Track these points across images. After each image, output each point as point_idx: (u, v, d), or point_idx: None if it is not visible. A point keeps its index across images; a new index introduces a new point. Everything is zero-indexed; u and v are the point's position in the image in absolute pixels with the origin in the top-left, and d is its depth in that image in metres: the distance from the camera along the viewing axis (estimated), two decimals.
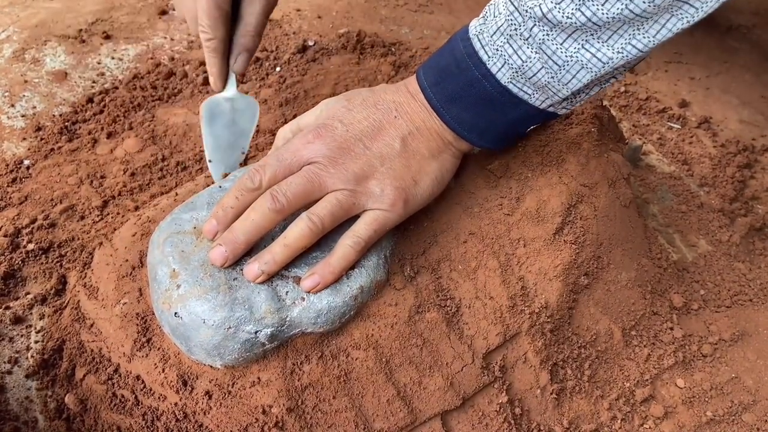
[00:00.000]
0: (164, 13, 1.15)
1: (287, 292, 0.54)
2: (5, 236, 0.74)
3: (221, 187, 0.61)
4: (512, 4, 0.53)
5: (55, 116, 0.92)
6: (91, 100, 0.95)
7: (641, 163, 0.92)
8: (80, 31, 1.08)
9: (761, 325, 0.71)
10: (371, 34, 1.07)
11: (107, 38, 1.08)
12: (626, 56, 0.51)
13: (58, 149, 0.87)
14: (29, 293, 0.70)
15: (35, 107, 0.94)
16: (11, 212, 0.78)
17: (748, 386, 0.67)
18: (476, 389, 0.59)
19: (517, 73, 0.55)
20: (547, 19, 0.51)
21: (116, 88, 0.98)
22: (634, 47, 0.51)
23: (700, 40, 1.16)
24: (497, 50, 0.55)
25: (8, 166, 0.84)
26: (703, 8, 0.49)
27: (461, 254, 0.61)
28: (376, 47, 1.04)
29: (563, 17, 0.50)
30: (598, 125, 0.71)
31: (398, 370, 0.57)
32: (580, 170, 0.66)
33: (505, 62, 0.55)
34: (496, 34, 0.54)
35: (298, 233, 0.54)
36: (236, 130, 0.69)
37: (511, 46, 0.54)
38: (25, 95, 0.96)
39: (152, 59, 1.04)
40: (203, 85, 0.98)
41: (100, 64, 1.03)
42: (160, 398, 0.57)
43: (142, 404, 0.58)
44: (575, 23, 0.50)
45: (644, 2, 0.48)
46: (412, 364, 0.57)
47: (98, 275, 0.63)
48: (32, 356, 0.65)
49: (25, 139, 0.89)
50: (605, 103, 0.77)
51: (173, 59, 1.04)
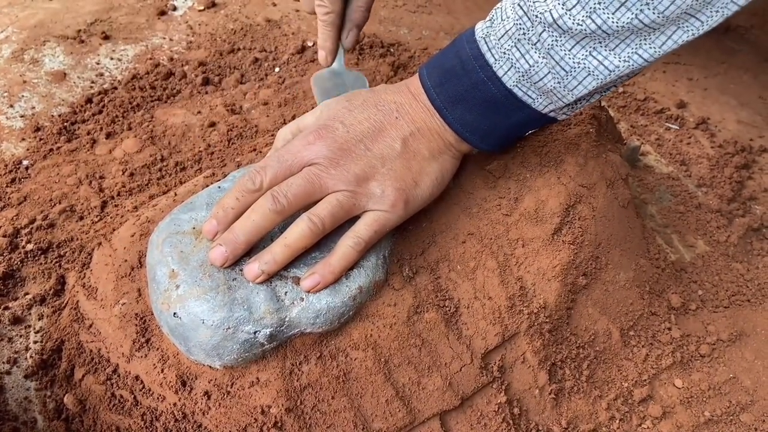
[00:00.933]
0: (163, 13, 1.15)
1: (286, 292, 0.55)
2: (4, 236, 0.74)
3: (220, 187, 0.61)
4: (521, 8, 0.53)
5: (54, 116, 0.92)
6: (90, 100, 0.95)
7: (639, 163, 0.92)
8: (79, 31, 1.08)
9: (759, 325, 0.71)
10: (370, 34, 1.07)
11: (106, 38, 1.08)
12: (632, 65, 0.52)
13: (57, 150, 0.87)
14: (28, 293, 0.70)
15: (34, 107, 0.94)
16: (10, 212, 0.78)
17: (746, 386, 0.67)
18: (475, 389, 0.59)
19: (523, 77, 0.55)
20: (557, 24, 0.51)
21: (115, 88, 0.98)
22: (640, 57, 0.51)
23: (698, 40, 1.15)
24: (504, 53, 0.55)
25: (7, 166, 0.84)
26: (708, 22, 0.49)
27: (460, 254, 0.61)
28: (374, 48, 1.04)
29: (573, 24, 0.50)
30: (596, 126, 0.71)
31: (397, 370, 0.57)
32: (578, 171, 0.66)
33: (511, 66, 0.55)
34: (503, 37, 0.55)
35: (298, 234, 0.54)
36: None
37: (518, 50, 0.54)
38: (23, 95, 0.96)
39: (151, 59, 1.04)
40: (202, 85, 0.98)
41: (99, 64, 1.03)
42: (159, 398, 0.57)
43: (141, 404, 0.58)
44: (585, 30, 0.50)
45: (654, 13, 0.48)
46: (410, 364, 0.57)
47: (97, 275, 0.63)
48: (31, 356, 0.65)
49: (24, 139, 0.89)
50: (603, 103, 0.77)
51: (172, 59, 1.04)
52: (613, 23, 0.49)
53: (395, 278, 0.59)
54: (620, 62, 0.52)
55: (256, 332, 0.53)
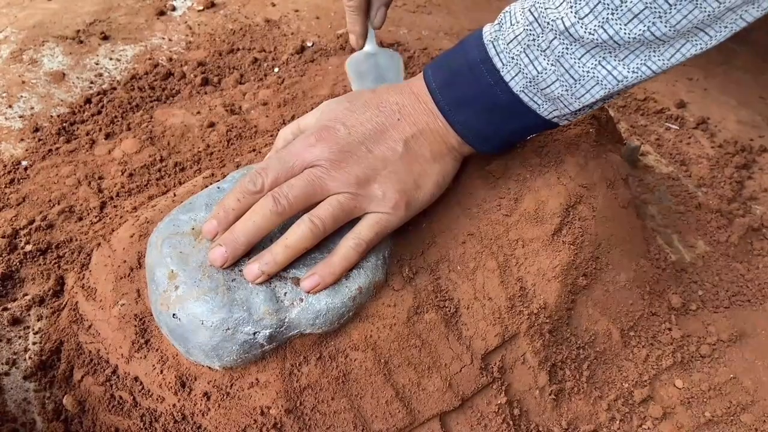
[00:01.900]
0: (162, 13, 1.15)
1: (286, 293, 0.54)
2: (3, 237, 0.74)
3: (219, 188, 0.61)
4: (532, 14, 0.53)
5: (53, 117, 0.92)
6: (89, 100, 0.95)
7: (639, 163, 0.92)
8: (78, 31, 1.08)
9: (759, 325, 0.71)
10: None
11: (105, 39, 1.08)
12: (640, 76, 0.52)
13: (56, 150, 0.87)
14: (27, 294, 0.70)
15: (33, 108, 0.94)
16: (9, 213, 0.78)
17: (746, 387, 0.67)
18: (475, 390, 0.59)
19: (530, 83, 0.55)
20: (569, 33, 0.51)
21: (114, 88, 0.98)
22: (648, 68, 0.52)
23: None
24: (512, 59, 0.55)
25: (6, 167, 0.84)
26: (716, 36, 0.50)
27: (460, 255, 0.61)
28: None
29: (585, 33, 0.50)
30: (596, 126, 0.71)
31: (397, 371, 0.57)
32: (578, 171, 0.66)
33: (519, 71, 0.55)
34: (512, 42, 0.54)
35: (299, 235, 0.54)
36: (385, 84, 0.69)
37: (527, 56, 0.54)
38: (22, 96, 0.96)
39: (150, 60, 1.03)
40: (201, 85, 0.98)
41: (98, 64, 1.03)
42: (158, 399, 0.57)
43: (140, 405, 0.57)
44: (596, 40, 0.50)
45: (665, 26, 0.48)
46: (410, 365, 0.57)
47: (96, 276, 0.63)
48: (30, 358, 0.65)
49: (22, 140, 0.89)
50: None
51: (171, 60, 1.04)
52: (624, 34, 0.49)
53: (395, 279, 0.59)
54: (629, 73, 0.52)
55: (255, 333, 0.53)
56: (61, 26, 1.09)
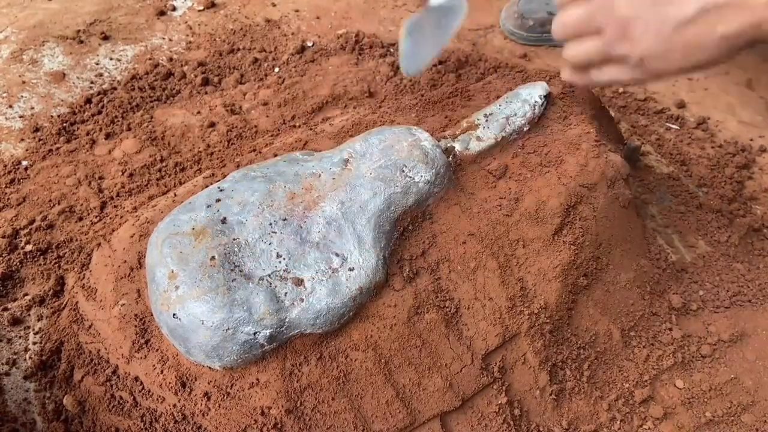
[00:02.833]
0: (162, 13, 1.15)
1: (286, 293, 0.54)
2: (3, 237, 0.74)
3: (220, 188, 0.61)
4: None
5: (53, 117, 0.92)
6: (89, 100, 0.95)
7: (640, 163, 0.92)
8: (78, 31, 1.08)
9: (760, 325, 0.71)
10: (370, 34, 1.07)
11: (105, 39, 1.07)
12: None
13: (56, 150, 0.87)
14: (27, 294, 0.70)
15: (33, 108, 0.94)
16: (9, 213, 0.78)
17: (747, 387, 0.67)
18: (475, 390, 0.59)
19: None
20: None
21: (114, 88, 0.98)
22: None
23: None
24: None
25: (6, 167, 0.84)
26: None
27: (460, 255, 0.61)
28: (374, 48, 1.04)
29: None
30: (596, 126, 0.71)
31: (397, 371, 0.57)
32: (579, 171, 0.66)
33: None
34: None
35: None
36: (438, 32, 0.66)
37: None
38: (23, 96, 0.95)
39: (150, 60, 1.03)
40: (201, 85, 0.98)
41: (98, 64, 1.02)
42: (158, 400, 0.57)
43: (140, 405, 0.57)
44: None
45: None
46: (411, 365, 0.57)
47: (96, 276, 0.63)
48: (30, 358, 0.65)
49: (23, 140, 0.89)
50: (604, 103, 0.77)
51: (171, 60, 1.04)
52: None
53: (396, 279, 0.59)
54: None
55: (255, 333, 0.53)
56: (61, 26, 1.09)
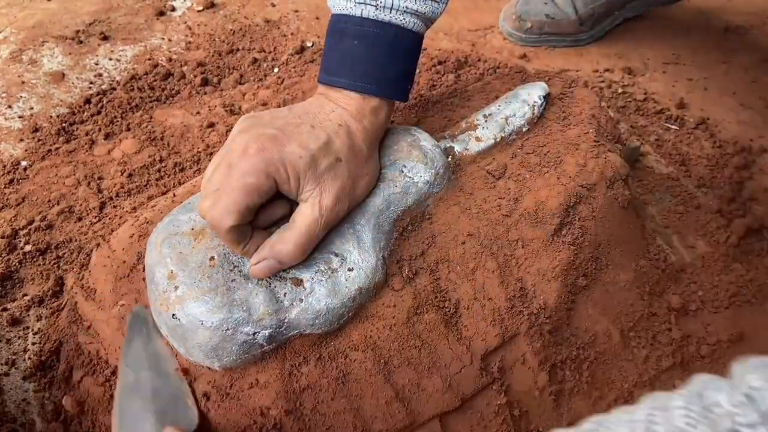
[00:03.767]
0: (162, 14, 1.15)
1: (285, 293, 0.54)
2: (2, 238, 0.74)
3: None
4: None
5: (52, 117, 0.92)
6: (88, 101, 0.95)
7: (639, 164, 0.92)
8: (77, 32, 1.08)
9: (759, 326, 0.71)
10: None
11: (105, 39, 1.08)
12: None
13: (55, 150, 0.87)
14: (26, 295, 0.70)
15: (32, 108, 0.94)
16: (8, 213, 0.78)
17: None
18: (475, 390, 0.59)
19: None
20: None
21: (114, 89, 0.98)
22: None
23: (698, 41, 1.16)
24: None
25: (5, 167, 0.84)
26: None
27: (460, 255, 0.61)
28: None
29: None
30: (595, 126, 0.71)
31: (397, 371, 0.57)
32: (578, 171, 0.66)
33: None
34: None
35: None
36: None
37: None
38: (22, 96, 0.95)
39: (150, 60, 1.03)
40: (201, 86, 0.98)
41: (97, 65, 1.02)
42: None
43: None
44: None
45: None
46: (410, 365, 0.57)
47: (96, 277, 0.63)
48: (29, 358, 0.65)
49: (22, 140, 0.89)
50: (603, 104, 0.77)
51: (171, 60, 1.04)
52: None
53: (395, 279, 0.59)
54: None
55: (255, 333, 0.53)
56: (60, 26, 1.09)
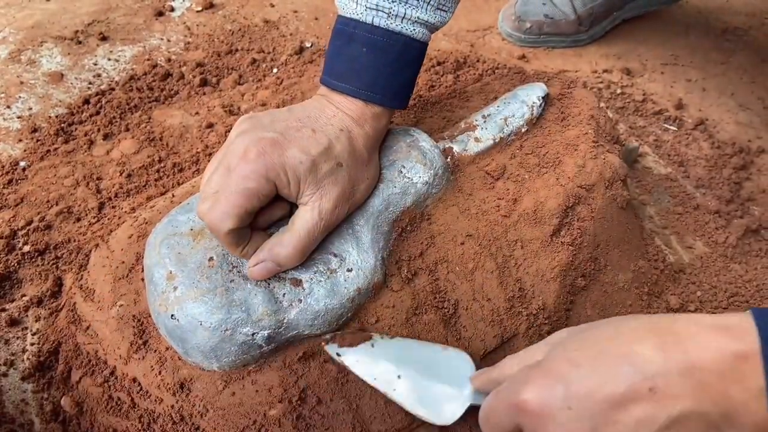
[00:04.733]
0: (161, 14, 1.15)
1: (284, 293, 0.54)
2: (1, 238, 0.74)
3: None
4: None
5: (51, 118, 0.92)
6: (87, 101, 0.95)
7: (638, 164, 0.92)
8: (76, 32, 1.08)
9: None
10: None
11: (103, 39, 1.07)
12: None
13: (54, 151, 0.87)
14: (25, 295, 0.70)
15: (31, 108, 0.94)
16: (7, 214, 0.77)
17: None
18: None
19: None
20: None
21: (113, 89, 0.97)
22: None
23: (696, 42, 1.16)
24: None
25: (4, 167, 0.84)
26: None
27: (459, 256, 0.61)
28: None
29: None
30: (594, 127, 0.71)
31: None
32: (577, 172, 0.66)
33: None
34: None
35: None
36: None
37: None
38: (21, 96, 0.95)
39: (149, 60, 1.03)
40: (200, 86, 0.98)
41: (96, 65, 1.02)
42: (156, 401, 0.57)
43: (138, 407, 0.57)
44: None
45: None
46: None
47: (94, 277, 0.63)
48: (28, 358, 0.64)
49: (20, 140, 0.88)
50: (602, 104, 0.77)
51: (170, 60, 1.04)
52: None
53: (394, 280, 0.59)
54: None
55: (254, 334, 0.53)
56: (59, 27, 1.09)
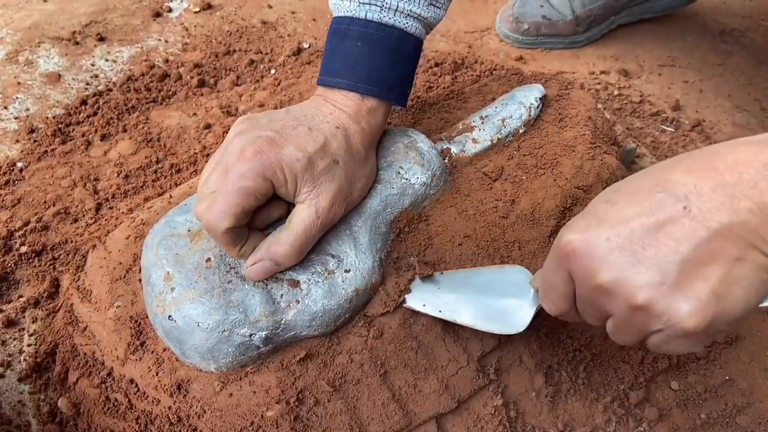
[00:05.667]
0: (158, 15, 1.15)
1: (282, 294, 0.54)
2: None
3: None
4: None
5: (48, 118, 0.92)
6: (84, 102, 0.95)
7: (635, 165, 0.93)
8: (74, 33, 1.08)
9: (755, 327, 0.71)
10: None
11: (101, 40, 1.07)
12: None
13: (51, 151, 0.87)
14: (22, 296, 0.70)
15: (28, 109, 0.93)
16: (4, 215, 0.77)
17: (742, 389, 0.67)
18: (471, 392, 0.59)
19: None
20: None
21: (110, 90, 0.97)
22: None
23: (693, 43, 1.16)
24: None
25: (1, 168, 0.83)
26: None
27: (456, 257, 0.61)
28: None
29: None
30: (592, 128, 0.71)
31: (393, 373, 0.57)
32: (574, 173, 0.66)
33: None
34: None
35: None
36: None
37: None
38: (18, 97, 0.95)
39: (146, 61, 1.03)
40: (197, 87, 0.98)
41: (93, 66, 1.02)
42: (153, 402, 0.56)
43: (135, 408, 0.57)
44: None
45: None
46: (407, 367, 0.57)
47: (92, 278, 0.63)
48: (25, 360, 0.64)
49: (18, 141, 0.88)
50: (599, 106, 0.78)
51: (167, 61, 1.04)
52: None
53: (392, 280, 0.59)
54: None
55: (251, 335, 0.53)
56: (57, 27, 1.09)
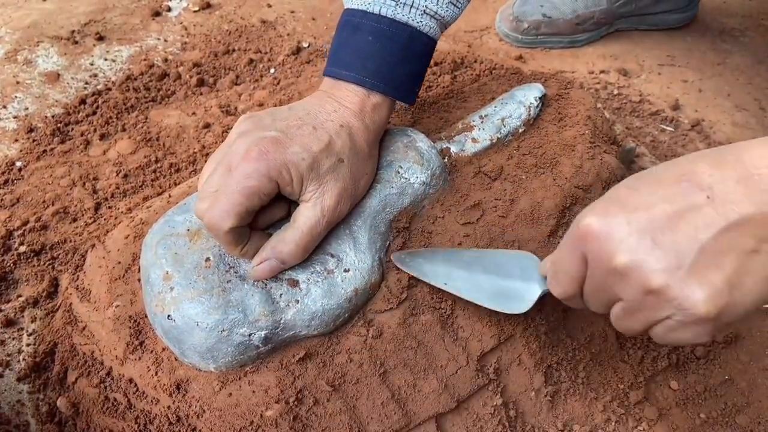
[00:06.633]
0: (158, 14, 1.15)
1: (281, 294, 0.54)
2: None
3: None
4: None
5: (47, 118, 0.92)
6: (83, 101, 0.94)
7: (634, 165, 0.92)
8: (73, 32, 1.08)
9: (754, 327, 0.71)
10: None
11: (100, 39, 1.07)
12: None
13: (50, 151, 0.87)
14: (21, 296, 0.70)
15: (27, 108, 0.93)
16: (3, 214, 0.77)
17: (741, 388, 0.67)
18: (471, 392, 0.59)
19: None
20: None
21: (109, 89, 0.97)
22: None
23: (692, 43, 1.16)
24: None
25: (0, 167, 0.83)
26: None
27: None
28: None
29: None
30: (591, 127, 0.71)
31: (392, 372, 0.57)
32: (574, 172, 0.66)
33: None
34: None
35: None
36: None
37: None
38: (17, 96, 0.95)
39: (145, 60, 1.03)
40: (197, 86, 0.98)
41: (92, 65, 1.02)
42: (153, 401, 0.56)
43: (134, 408, 0.57)
44: None
45: None
46: (406, 366, 0.57)
47: (91, 278, 0.63)
48: (24, 359, 0.64)
49: (17, 140, 0.88)
50: (599, 105, 0.78)
51: (167, 60, 1.04)
52: None
53: (391, 280, 0.59)
54: None
55: (250, 334, 0.53)
56: (56, 27, 1.09)
